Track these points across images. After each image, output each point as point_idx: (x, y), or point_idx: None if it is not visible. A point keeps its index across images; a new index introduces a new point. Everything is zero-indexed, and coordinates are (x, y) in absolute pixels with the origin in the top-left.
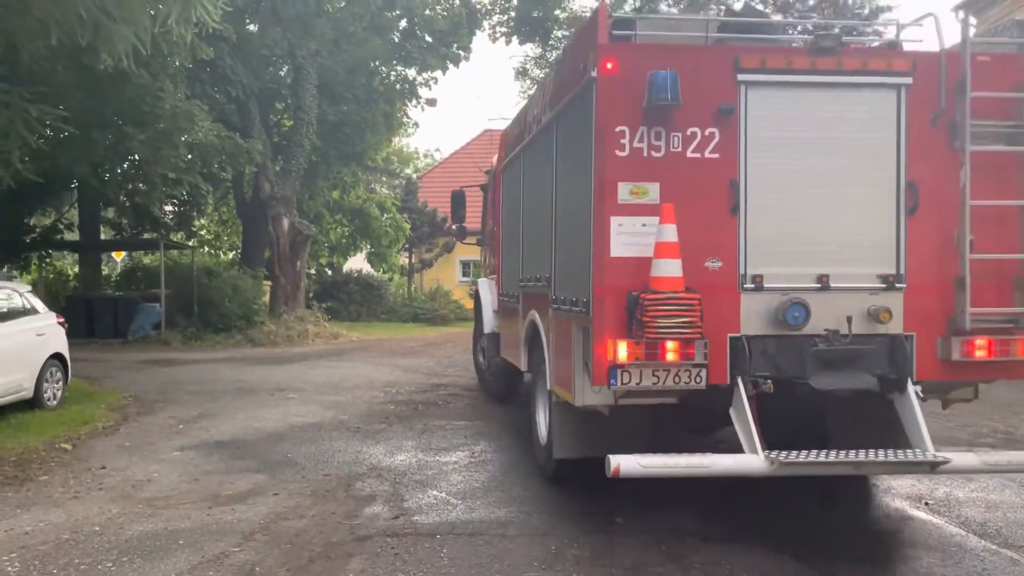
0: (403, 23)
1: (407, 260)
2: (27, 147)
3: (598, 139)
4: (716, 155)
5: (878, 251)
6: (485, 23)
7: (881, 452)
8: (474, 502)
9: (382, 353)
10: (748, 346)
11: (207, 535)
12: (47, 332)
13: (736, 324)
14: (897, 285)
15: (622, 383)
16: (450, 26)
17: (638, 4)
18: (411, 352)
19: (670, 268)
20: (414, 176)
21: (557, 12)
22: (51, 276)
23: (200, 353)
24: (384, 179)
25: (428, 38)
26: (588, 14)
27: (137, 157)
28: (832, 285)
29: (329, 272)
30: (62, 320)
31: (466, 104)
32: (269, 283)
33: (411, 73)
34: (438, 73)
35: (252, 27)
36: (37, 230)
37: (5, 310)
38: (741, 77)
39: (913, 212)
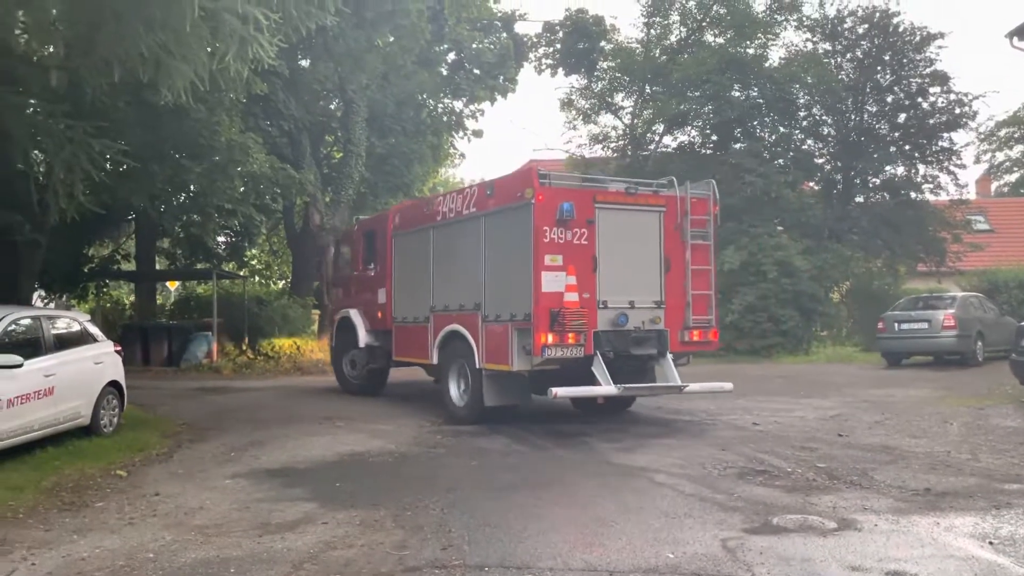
0: (451, 56)
1: None
2: (90, 180)
3: (535, 233)
4: (586, 242)
5: (653, 289)
6: (531, 55)
7: (661, 383)
8: (521, 533)
9: (426, 380)
10: (601, 336)
11: (257, 564)
12: (104, 360)
13: (596, 324)
14: (661, 306)
15: (547, 355)
16: (497, 59)
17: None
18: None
19: (572, 297)
20: None
21: (603, 44)
22: (108, 305)
23: (250, 381)
24: None
25: (476, 71)
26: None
27: (193, 189)
28: (636, 306)
29: None
30: (118, 348)
31: (511, 134)
32: (318, 312)
33: (458, 105)
34: (485, 105)
35: (304, 62)
36: (95, 260)
37: (65, 338)
38: (597, 204)
39: (667, 270)
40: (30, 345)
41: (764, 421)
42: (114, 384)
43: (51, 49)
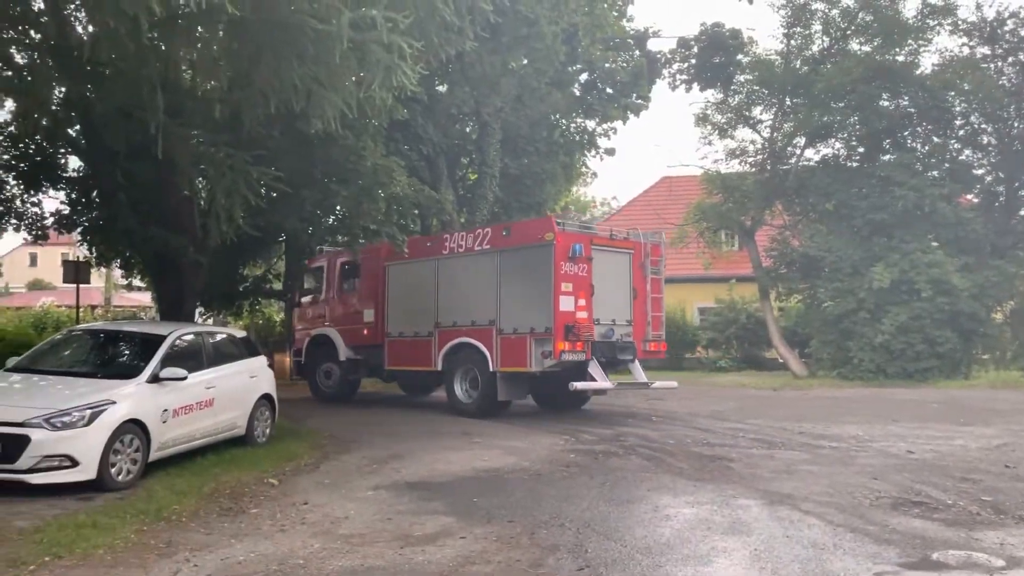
0: (584, 76)
1: None
2: (247, 205)
3: (555, 267)
4: (586, 274)
5: (626, 311)
6: (665, 71)
7: (636, 382)
8: (660, 558)
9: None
10: (596, 345)
11: (400, 575)
12: (259, 374)
13: (593, 335)
14: (631, 323)
15: (564, 359)
16: (630, 77)
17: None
18: (593, 400)
19: (582, 315)
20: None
21: (740, 57)
22: (260, 322)
23: (395, 395)
24: None
25: (608, 90)
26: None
27: (340, 211)
28: (616, 323)
29: None
30: (271, 363)
31: (643, 151)
32: None
33: (590, 124)
34: (617, 123)
35: (441, 88)
36: (249, 280)
37: (224, 353)
38: (593, 245)
39: (635, 297)
40: (193, 359)
41: (919, 449)
42: (267, 397)
43: (214, 84)
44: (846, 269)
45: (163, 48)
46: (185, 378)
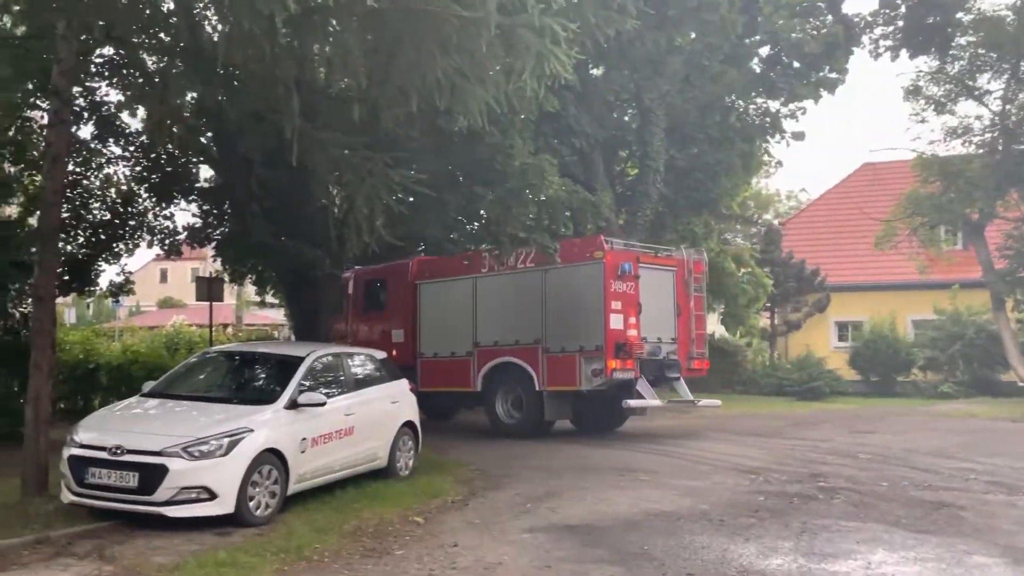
0: (764, 50)
1: (769, 321)
2: (388, 212)
3: (606, 285)
4: (633, 292)
5: (669, 329)
6: (864, 38)
7: (683, 399)
8: None
9: (742, 432)
10: (643, 363)
11: None
12: (400, 399)
13: (643, 353)
14: (675, 341)
15: (616, 377)
16: (822, 47)
17: None
18: (777, 432)
19: (632, 332)
20: (776, 222)
21: (960, 15)
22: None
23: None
24: (739, 227)
25: (795, 63)
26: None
27: (486, 216)
28: (661, 340)
29: None
30: (413, 387)
31: (839, 134)
32: None
33: (774, 105)
34: (807, 103)
35: (595, 71)
36: None
37: (363, 376)
38: (640, 264)
39: (679, 315)
40: (331, 383)
41: None
42: (409, 425)
43: (350, 82)
44: None
45: (295, 45)
46: (324, 404)
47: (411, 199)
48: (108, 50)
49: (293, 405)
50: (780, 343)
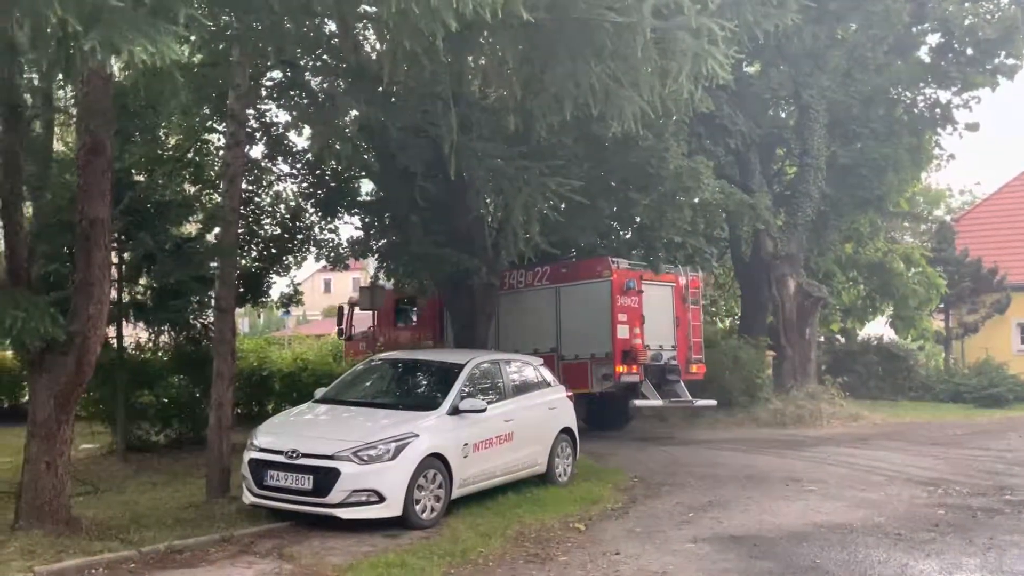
0: (934, 38)
1: (943, 324)
2: (543, 220)
3: (613, 300)
4: (637, 305)
5: (669, 337)
6: None
7: (682, 400)
8: None
9: (916, 441)
10: (647, 368)
11: None
12: (558, 406)
13: (647, 359)
14: (675, 348)
15: (623, 380)
16: (999, 32)
17: None
18: (955, 442)
19: (637, 341)
20: (948, 219)
21: None
22: None
23: (701, 432)
24: (908, 225)
25: (969, 51)
26: None
27: (640, 222)
28: (663, 348)
29: (842, 340)
30: (570, 394)
31: (1017, 123)
32: (772, 353)
33: (944, 96)
34: (982, 91)
35: (750, 69)
36: None
37: (521, 383)
38: (643, 281)
39: (678, 326)
40: (490, 389)
41: None
42: (567, 431)
43: (505, 93)
44: None
45: (451, 61)
46: (484, 410)
47: (564, 206)
48: (276, 73)
49: (455, 411)
50: (956, 346)
